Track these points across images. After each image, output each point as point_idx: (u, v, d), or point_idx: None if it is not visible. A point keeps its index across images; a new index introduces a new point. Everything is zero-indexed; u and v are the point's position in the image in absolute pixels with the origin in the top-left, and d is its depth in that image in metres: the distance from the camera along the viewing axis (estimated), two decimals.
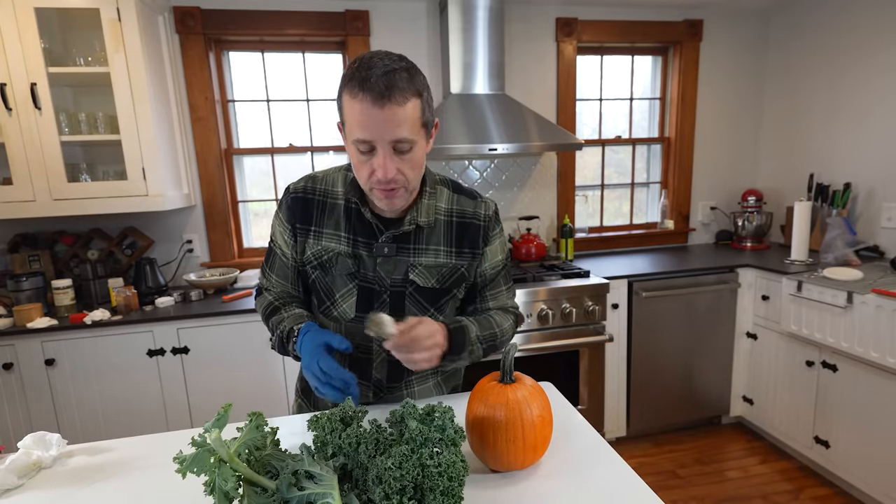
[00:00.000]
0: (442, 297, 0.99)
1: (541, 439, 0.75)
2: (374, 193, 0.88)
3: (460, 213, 0.99)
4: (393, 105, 0.78)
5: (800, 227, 2.35)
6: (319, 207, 0.97)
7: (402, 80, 0.79)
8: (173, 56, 2.25)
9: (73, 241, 2.23)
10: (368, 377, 1.01)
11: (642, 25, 2.72)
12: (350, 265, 0.95)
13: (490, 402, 0.75)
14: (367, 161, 0.84)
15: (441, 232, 0.97)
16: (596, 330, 2.19)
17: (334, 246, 0.95)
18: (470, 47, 2.31)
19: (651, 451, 2.40)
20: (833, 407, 2.00)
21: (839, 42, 2.51)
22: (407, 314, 0.95)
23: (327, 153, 2.60)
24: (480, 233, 0.99)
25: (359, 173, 0.88)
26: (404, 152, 0.84)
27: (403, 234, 0.95)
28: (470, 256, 0.99)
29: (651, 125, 3.00)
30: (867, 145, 2.41)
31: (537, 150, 2.30)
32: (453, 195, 1.00)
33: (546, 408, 0.77)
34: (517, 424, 0.73)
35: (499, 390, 0.76)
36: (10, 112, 1.85)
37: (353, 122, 0.82)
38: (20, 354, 1.81)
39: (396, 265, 0.95)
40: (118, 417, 1.92)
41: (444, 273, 0.97)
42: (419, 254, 0.96)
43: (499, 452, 0.74)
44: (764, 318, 2.33)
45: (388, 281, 0.95)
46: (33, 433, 0.83)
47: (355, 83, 0.79)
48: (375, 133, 0.80)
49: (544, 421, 0.75)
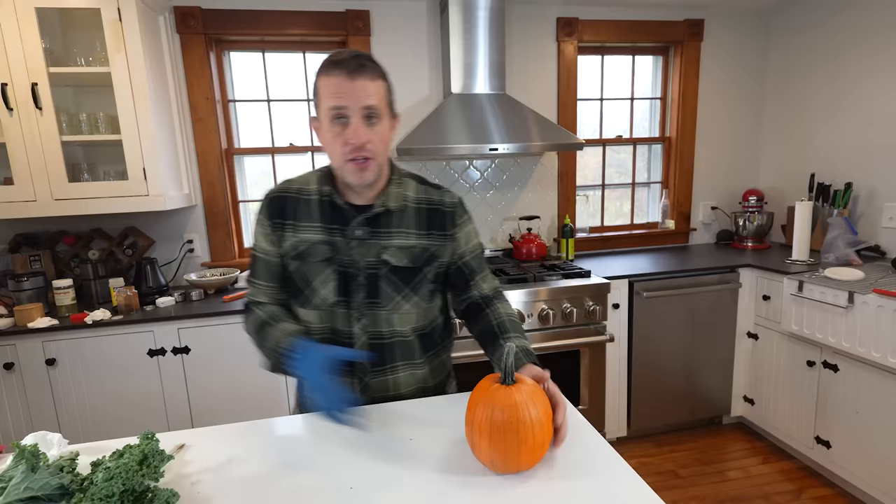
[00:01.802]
0: (415, 277, 1.03)
1: (547, 439, 0.76)
2: (346, 168, 0.94)
3: (427, 200, 1.06)
4: (363, 79, 0.90)
5: (801, 227, 2.34)
6: (294, 204, 1.02)
7: (370, 63, 0.92)
8: (174, 56, 2.25)
9: (73, 241, 2.23)
10: (351, 363, 1.02)
11: (643, 25, 2.72)
12: (326, 251, 1.00)
13: (498, 404, 0.74)
14: (340, 133, 0.92)
15: (411, 217, 1.03)
16: (597, 330, 2.19)
17: (310, 236, 1.00)
18: (470, 47, 2.31)
19: (652, 451, 2.40)
20: (834, 407, 2.00)
21: (840, 41, 2.50)
22: (381, 296, 1.01)
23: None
24: (448, 218, 1.06)
25: (333, 149, 0.94)
26: (373, 123, 0.92)
27: (374, 217, 1.00)
28: (440, 238, 1.05)
29: (652, 125, 3.00)
30: (868, 145, 2.41)
31: (538, 150, 2.30)
32: (420, 186, 1.08)
33: (547, 407, 0.77)
34: (527, 426, 0.73)
35: (504, 392, 0.75)
36: (11, 112, 1.85)
37: (327, 94, 0.91)
38: (21, 354, 1.81)
39: (370, 248, 1.00)
40: (119, 417, 1.92)
41: (415, 253, 1.02)
42: (390, 237, 1.02)
43: (510, 454, 0.73)
44: (765, 318, 2.33)
45: (362, 263, 1.00)
46: (34, 433, 0.83)
47: (329, 65, 0.92)
48: (349, 100, 0.90)
49: (548, 419, 0.76)
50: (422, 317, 1.06)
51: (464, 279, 1.09)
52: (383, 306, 1.01)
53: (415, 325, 1.05)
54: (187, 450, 0.88)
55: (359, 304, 1.00)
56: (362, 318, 1.01)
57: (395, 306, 1.02)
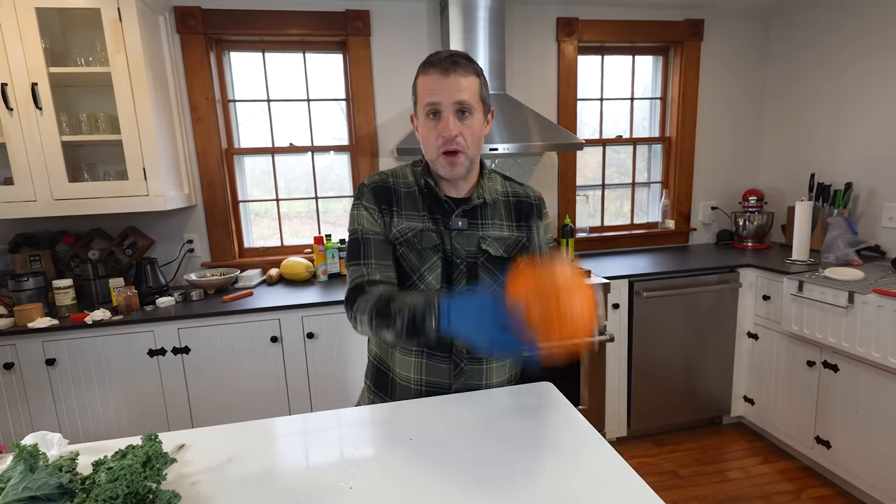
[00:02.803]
0: (509, 266, 1.05)
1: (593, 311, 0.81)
2: (439, 161, 1.00)
3: (514, 194, 1.13)
4: (456, 75, 0.96)
5: (801, 227, 2.34)
6: (396, 194, 1.07)
7: (463, 60, 0.98)
8: (174, 56, 2.25)
9: (74, 240, 2.23)
10: (451, 348, 1.04)
11: (643, 25, 2.72)
12: (434, 238, 1.04)
13: (558, 271, 0.80)
14: (434, 127, 0.98)
15: (501, 209, 1.10)
16: (597, 330, 2.19)
17: (416, 224, 1.05)
18: (470, 47, 2.30)
19: (652, 451, 2.40)
20: (834, 407, 2.00)
21: (840, 41, 2.50)
22: (480, 284, 1.06)
23: (328, 153, 2.60)
24: (534, 210, 1.12)
25: (427, 143, 1.01)
26: (465, 117, 0.98)
27: (472, 209, 1.06)
28: (527, 229, 1.11)
29: (652, 125, 3.00)
30: (869, 145, 2.41)
31: (538, 149, 2.30)
32: (505, 181, 1.15)
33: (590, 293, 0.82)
34: (586, 300, 0.79)
35: (562, 264, 0.82)
36: (11, 112, 1.85)
37: (424, 92, 0.98)
38: (21, 354, 1.81)
39: (469, 238, 1.05)
40: (119, 417, 1.92)
41: (509, 244, 1.08)
42: (486, 227, 1.07)
43: (563, 319, 0.77)
44: (765, 318, 2.33)
45: (462, 252, 1.05)
46: (34, 433, 0.83)
47: (426, 64, 0.99)
48: (442, 95, 0.96)
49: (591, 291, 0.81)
50: None
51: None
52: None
53: None
54: (187, 450, 0.88)
55: (460, 291, 1.03)
56: None
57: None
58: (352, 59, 2.43)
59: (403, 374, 1.07)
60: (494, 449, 0.84)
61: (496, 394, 1.05)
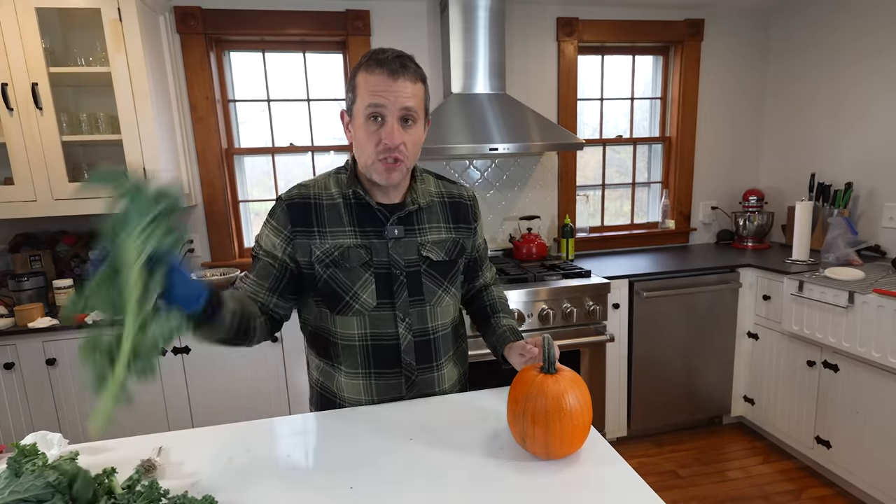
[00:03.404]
0: (451, 269, 1.07)
1: (590, 419, 0.82)
2: (375, 167, 0.94)
3: (448, 194, 1.10)
4: (404, 80, 0.91)
5: (801, 227, 2.34)
6: (317, 209, 1.00)
7: (412, 64, 0.93)
8: (174, 56, 2.25)
9: (74, 240, 2.23)
10: (399, 363, 1.01)
11: (643, 25, 2.72)
12: (363, 254, 0.99)
13: (550, 393, 0.79)
14: (375, 132, 0.92)
15: (437, 211, 1.06)
16: (597, 330, 2.19)
17: (342, 241, 0.99)
18: (471, 47, 2.31)
19: (652, 451, 2.40)
20: (834, 407, 2.00)
21: (840, 41, 2.50)
22: (425, 292, 1.02)
23: (328, 153, 2.60)
24: (470, 211, 1.11)
25: (365, 146, 0.94)
26: (409, 125, 0.93)
27: (408, 215, 1.02)
28: (465, 231, 1.09)
29: (652, 125, 2.99)
30: (869, 144, 2.41)
31: (538, 149, 2.30)
32: (437, 181, 1.11)
33: (584, 389, 0.83)
34: (577, 410, 0.78)
35: (553, 381, 0.80)
36: (11, 112, 1.85)
37: (366, 92, 0.91)
38: (21, 354, 1.81)
39: (406, 246, 1.01)
40: (119, 417, 1.91)
41: (448, 247, 1.05)
42: (424, 232, 1.03)
43: (565, 438, 0.78)
44: (765, 318, 2.33)
45: (402, 262, 1.00)
46: (35, 432, 0.84)
47: (372, 62, 0.91)
48: (388, 99, 0.90)
49: (588, 401, 0.82)
50: (456, 308, 1.11)
51: (474, 269, 1.16)
52: (427, 302, 1.02)
53: (452, 316, 1.09)
54: (188, 450, 0.88)
55: (402, 303, 1.00)
56: (406, 318, 1.01)
57: (437, 300, 1.04)
58: (352, 59, 2.43)
59: (353, 397, 1.03)
60: (495, 448, 0.84)
61: (497, 393, 1.05)
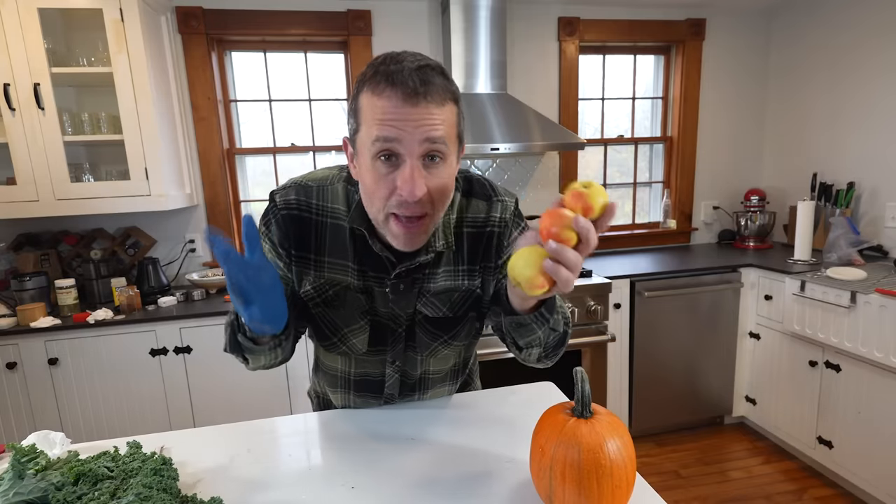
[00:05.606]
0: (454, 326, 0.87)
1: (633, 474, 0.64)
2: (388, 225, 0.70)
3: (472, 222, 0.82)
4: (429, 104, 0.64)
5: (803, 227, 2.34)
6: (318, 229, 0.80)
7: (439, 79, 0.65)
8: (176, 56, 2.26)
9: (76, 240, 2.23)
10: (381, 392, 0.97)
11: (644, 25, 2.71)
12: (363, 302, 0.81)
13: (584, 444, 0.60)
14: (387, 176, 0.66)
15: (455, 251, 0.82)
16: (598, 330, 2.19)
17: (341, 278, 0.80)
18: (472, 47, 2.30)
19: (653, 451, 2.40)
20: (836, 407, 1.99)
21: (842, 40, 2.50)
22: (417, 342, 0.87)
23: (329, 153, 2.60)
24: (494, 241, 0.82)
25: (374, 196, 0.69)
26: (435, 164, 0.67)
27: (418, 266, 0.79)
28: (486, 269, 0.84)
29: (653, 124, 2.99)
30: (871, 144, 2.40)
31: (539, 149, 2.30)
32: (464, 200, 0.83)
33: (627, 436, 0.64)
34: (619, 466, 0.60)
35: (588, 429, 0.61)
36: (13, 112, 1.86)
37: (373, 120, 0.65)
38: (24, 354, 1.82)
39: (409, 299, 0.82)
40: (121, 416, 1.92)
41: (455, 300, 0.83)
42: (428, 279, 0.81)
43: (604, 501, 0.60)
44: (767, 318, 2.32)
45: (403, 316, 0.84)
46: (37, 432, 0.84)
47: (380, 78, 0.64)
48: (404, 131, 0.63)
49: (631, 452, 0.63)
50: (459, 354, 0.95)
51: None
52: (419, 352, 0.89)
53: (452, 363, 0.96)
54: (188, 450, 0.88)
55: (396, 351, 0.89)
56: (396, 361, 0.91)
57: (432, 352, 0.90)
58: (353, 59, 2.43)
59: (337, 401, 1.01)
60: (495, 448, 0.84)
61: (498, 393, 1.05)
